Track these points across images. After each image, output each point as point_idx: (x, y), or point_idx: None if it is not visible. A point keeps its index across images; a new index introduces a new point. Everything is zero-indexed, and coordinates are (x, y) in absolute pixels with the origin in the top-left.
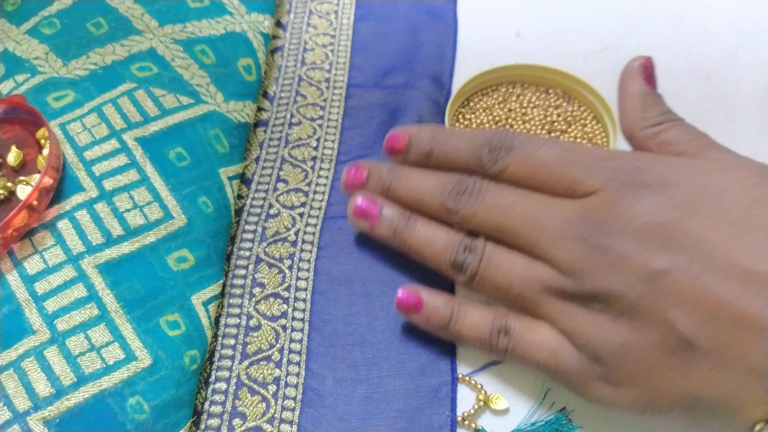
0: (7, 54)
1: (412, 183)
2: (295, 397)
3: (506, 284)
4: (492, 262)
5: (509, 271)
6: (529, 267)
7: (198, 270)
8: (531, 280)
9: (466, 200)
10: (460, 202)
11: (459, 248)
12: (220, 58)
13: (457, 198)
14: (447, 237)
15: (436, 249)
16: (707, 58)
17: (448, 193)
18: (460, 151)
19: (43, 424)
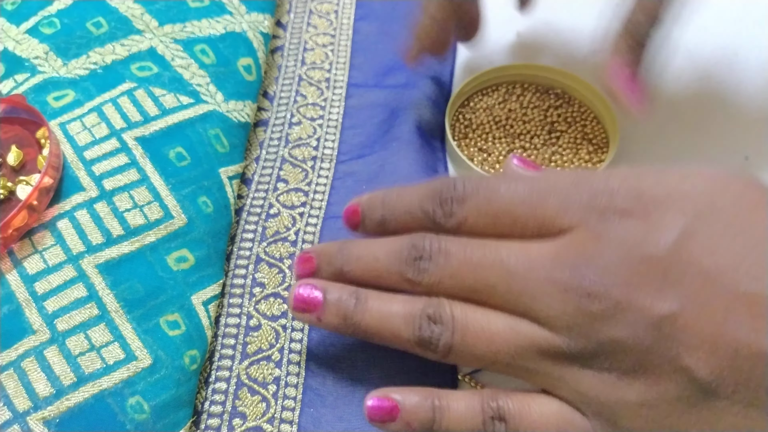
0: (7, 53)
1: (365, 257)
2: (295, 397)
3: (491, 354)
4: (468, 332)
5: (492, 338)
6: (514, 329)
7: (198, 270)
8: (520, 346)
9: (426, 266)
10: (420, 269)
11: (421, 321)
12: (220, 58)
13: (416, 265)
14: (404, 309)
15: (395, 329)
16: (707, 58)
17: (404, 260)
18: (412, 212)
19: (43, 424)
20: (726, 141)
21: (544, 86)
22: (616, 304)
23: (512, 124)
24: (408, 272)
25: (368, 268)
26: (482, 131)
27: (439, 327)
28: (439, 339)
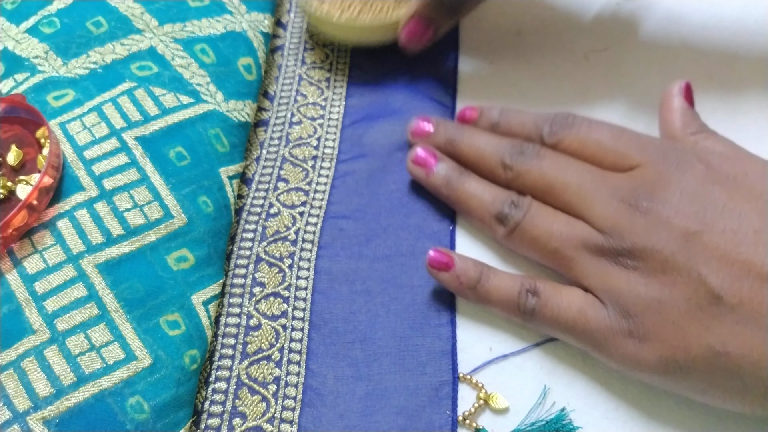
0: (6, 53)
1: (476, 140)
2: (296, 397)
3: (544, 238)
4: (535, 216)
5: (550, 226)
6: (569, 224)
7: (198, 269)
8: (569, 237)
9: (523, 159)
10: (518, 160)
11: (506, 202)
12: (220, 58)
13: (516, 156)
14: (495, 192)
15: (483, 202)
16: (708, 58)
17: (508, 151)
18: (525, 124)
19: (43, 424)
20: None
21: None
22: (656, 218)
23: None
24: (507, 158)
25: (476, 147)
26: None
27: (515, 210)
28: (513, 216)
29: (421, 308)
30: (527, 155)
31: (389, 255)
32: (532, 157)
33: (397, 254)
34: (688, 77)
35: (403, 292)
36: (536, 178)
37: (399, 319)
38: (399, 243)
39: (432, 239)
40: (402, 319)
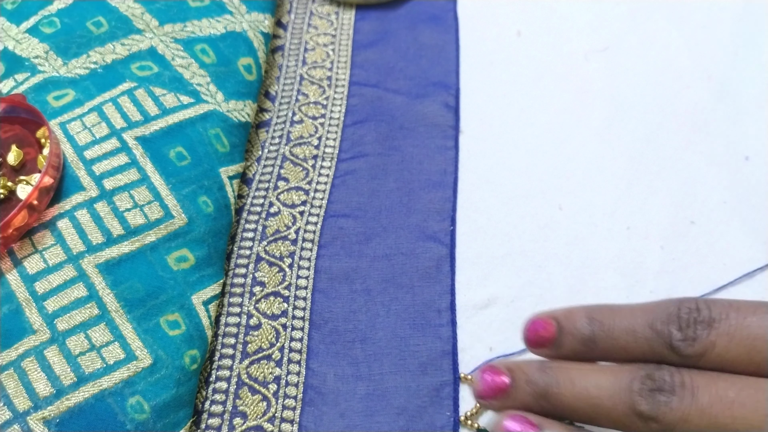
0: (7, 53)
1: (581, 383)
2: (296, 396)
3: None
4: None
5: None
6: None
7: (198, 269)
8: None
9: (667, 400)
10: (659, 402)
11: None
12: (221, 58)
13: (654, 397)
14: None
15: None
16: (708, 58)
17: (637, 391)
18: (636, 332)
19: (43, 424)
20: (727, 141)
21: None
22: None
23: None
24: (642, 404)
25: (585, 395)
26: None
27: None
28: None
29: (421, 308)
30: (670, 392)
31: (389, 254)
32: (681, 396)
33: (397, 254)
34: (688, 77)
35: (403, 291)
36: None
37: (399, 319)
38: (399, 242)
39: (432, 239)
40: (402, 319)
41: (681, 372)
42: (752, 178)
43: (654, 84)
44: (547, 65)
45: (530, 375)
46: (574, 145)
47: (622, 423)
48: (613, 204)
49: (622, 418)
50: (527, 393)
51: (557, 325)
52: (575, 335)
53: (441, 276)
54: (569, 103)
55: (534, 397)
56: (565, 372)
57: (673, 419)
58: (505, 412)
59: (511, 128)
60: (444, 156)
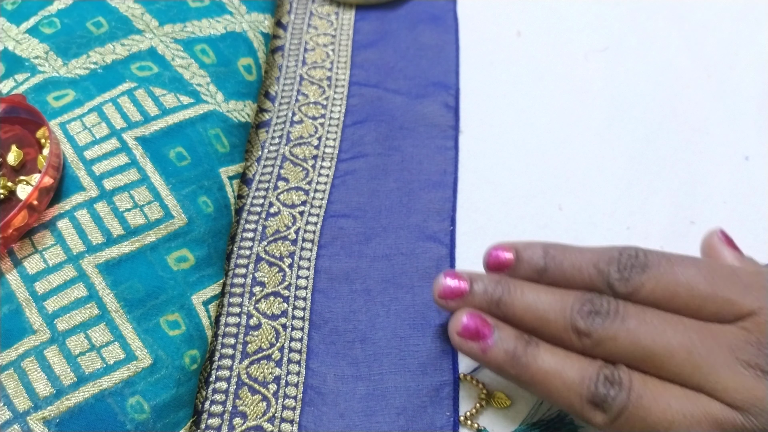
0: (7, 53)
1: (530, 298)
2: (296, 396)
3: (666, 423)
4: (644, 396)
5: (669, 406)
6: (692, 401)
7: (198, 269)
8: (698, 418)
9: (601, 321)
10: (595, 322)
11: (599, 379)
12: (221, 58)
13: (591, 318)
14: (580, 365)
15: (568, 380)
16: (708, 57)
17: (577, 311)
18: (582, 268)
19: (43, 424)
20: (726, 141)
21: None
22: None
23: None
24: (580, 322)
25: (533, 308)
26: None
27: (615, 388)
28: (614, 399)
29: (421, 308)
30: (605, 315)
31: (389, 254)
32: (613, 318)
33: (397, 254)
34: (688, 77)
35: (403, 291)
36: (626, 344)
37: (399, 319)
38: (399, 242)
39: (432, 239)
40: (402, 319)
41: (617, 301)
42: (752, 178)
43: (654, 84)
44: (547, 65)
45: (487, 284)
46: (574, 145)
47: (560, 336)
48: (613, 204)
49: (561, 332)
50: (482, 299)
51: (516, 253)
52: (530, 264)
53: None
54: (569, 103)
55: (488, 303)
56: (518, 286)
57: (603, 336)
58: (462, 309)
59: (511, 128)
60: (444, 156)
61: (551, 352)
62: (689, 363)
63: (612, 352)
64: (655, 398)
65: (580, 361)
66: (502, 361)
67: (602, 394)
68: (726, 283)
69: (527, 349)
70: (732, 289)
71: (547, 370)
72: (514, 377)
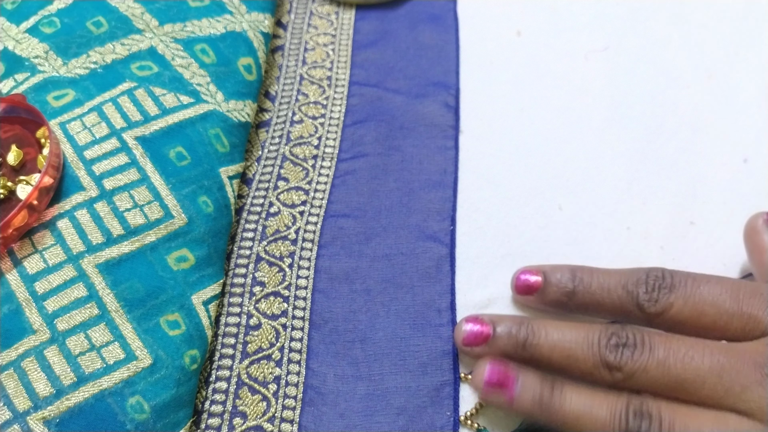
0: (6, 53)
1: (555, 336)
2: (296, 396)
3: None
4: (676, 424)
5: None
6: (723, 423)
7: (198, 269)
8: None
9: (630, 353)
10: (624, 355)
11: (629, 414)
12: (221, 58)
13: (619, 351)
14: (608, 402)
15: (599, 419)
16: (708, 57)
17: (605, 345)
18: (610, 290)
19: (43, 424)
20: (726, 141)
21: None
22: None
23: None
24: (609, 356)
25: (560, 346)
26: None
27: (647, 422)
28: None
29: (421, 308)
30: (632, 347)
31: (389, 254)
32: (641, 350)
33: (397, 253)
34: (688, 77)
35: (403, 291)
36: (657, 375)
37: (399, 320)
38: (399, 242)
39: (432, 239)
40: (402, 320)
41: (641, 331)
42: (752, 179)
43: (654, 84)
44: (547, 65)
45: (511, 326)
46: (574, 145)
47: (591, 373)
48: (613, 204)
49: (592, 369)
50: (507, 343)
51: (544, 277)
52: (559, 287)
53: (441, 276)
54: (569, 103)
55: (513, 346)
56: (542, 325)
57: (634, 369)
58: (485, 359)
59: (511, 128)
60: (444, 156)
61: (577, 392)
62: (721, 386)
63: (643, 383)
64: (686, 425)
65: (608, 398)
66: (531, 409)
67: (634, 428)
68: (750, 299)
69: (553, 394)
70: (756, 305)
71: (576, 412)
72: (545, 421)
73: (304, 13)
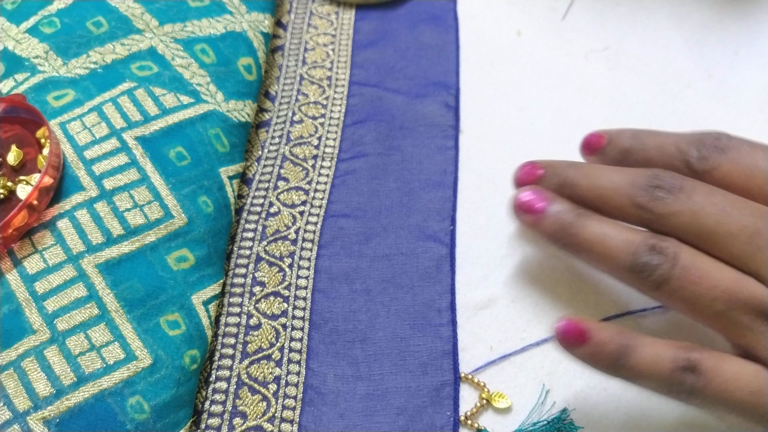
0: (6, 53)
1: (597, 176)
2: (296, 396)
3: (709, 298)
4: (691, 270)
5: (715, 284)
6: (741, 282)
7: (198, 269)
8: (743, 299)
9: (664, 196)
10: (657, 197)
11: (643, 247)
12: (221, 58)
13: (652, 192)
14: (626, 234)
15: (611, 247)
16: (708, 57)
17: (640, 185)
18: (665, 148)
19: (43, 424)
20: None
21: None
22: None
23: None
24: (640, 197)
25: (597, 185)
26: None
27: (660, 257)
28: (656, 268)
29: (421, 308)
30: (669, 190)
31: (389, 254)
32: (677, 194)
33: (397, 253)
34: (688, 77)
35: (403, 291)
36: (687, 221)
37: (399, 320)
38: (399, 242)
39: (432, 239)
40: (402, 320)
41: (685, 178)
42: None
43: (654, 84)
44: (547, 65)
45: (558, 167)
46: (574, 145)
47: (619, 211)
48: None
49: (621, 207)
50: (553, 182)
51: (608, 137)
52: (618, 146)
53: (441, 276)
54: (569, 103)
55: (557, 185)
56: (586, 168)
57: (664, 212)
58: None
59: (511, 128)
60: (444, 156)
61: (600, 221)
62: (749, 246)
63: (673, 228)
64: (700, 274)
65: (628, 230)
66: (553, 230)
67: (642, 261)
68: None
69: (577, 219)
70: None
71: (592, 238)
72: (563, 247)
73: (304, 13)
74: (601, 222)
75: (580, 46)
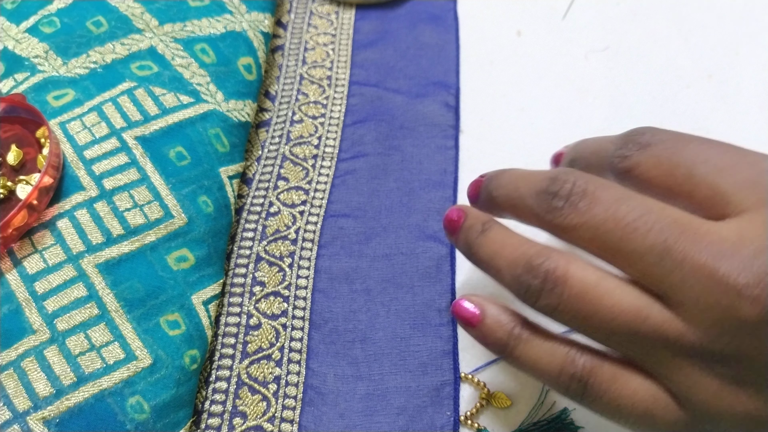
0: (6, 52)
1: (509, 185)
2: (296, 396)
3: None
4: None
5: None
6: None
7: (198, 269)
8: (645, 332)
9: (560, 205)
10: (552, 208)
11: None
12: (221, 57)
13: (549, 202)
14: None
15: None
16: (708, 57)
17: (538, 193)
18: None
19: (43, 424)
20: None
21: None
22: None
23: None
24: (537, 207)
25: (508, 195)
26: None
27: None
28: (538, 295)
29: (421, 308)
30: (567, 197)
31: (389, 254)
32: (577, 201)
33: (397, 253)
34: (688, 77)
35: (403, 291)
36: (588, 237)
37: (399, 320)
38: (399, 242)
39: (432, 239)
40: (402, 320)
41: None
42: None
43: (654, 84)
44: (547, 65)
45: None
46: None
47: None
48: None
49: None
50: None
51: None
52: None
53: (441, 276)
54: (569, 103)
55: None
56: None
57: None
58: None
59: (511, 128)
60: (444, 156)
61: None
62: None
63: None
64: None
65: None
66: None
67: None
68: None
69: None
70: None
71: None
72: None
73: (304, 13)
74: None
75: (580, 46)
